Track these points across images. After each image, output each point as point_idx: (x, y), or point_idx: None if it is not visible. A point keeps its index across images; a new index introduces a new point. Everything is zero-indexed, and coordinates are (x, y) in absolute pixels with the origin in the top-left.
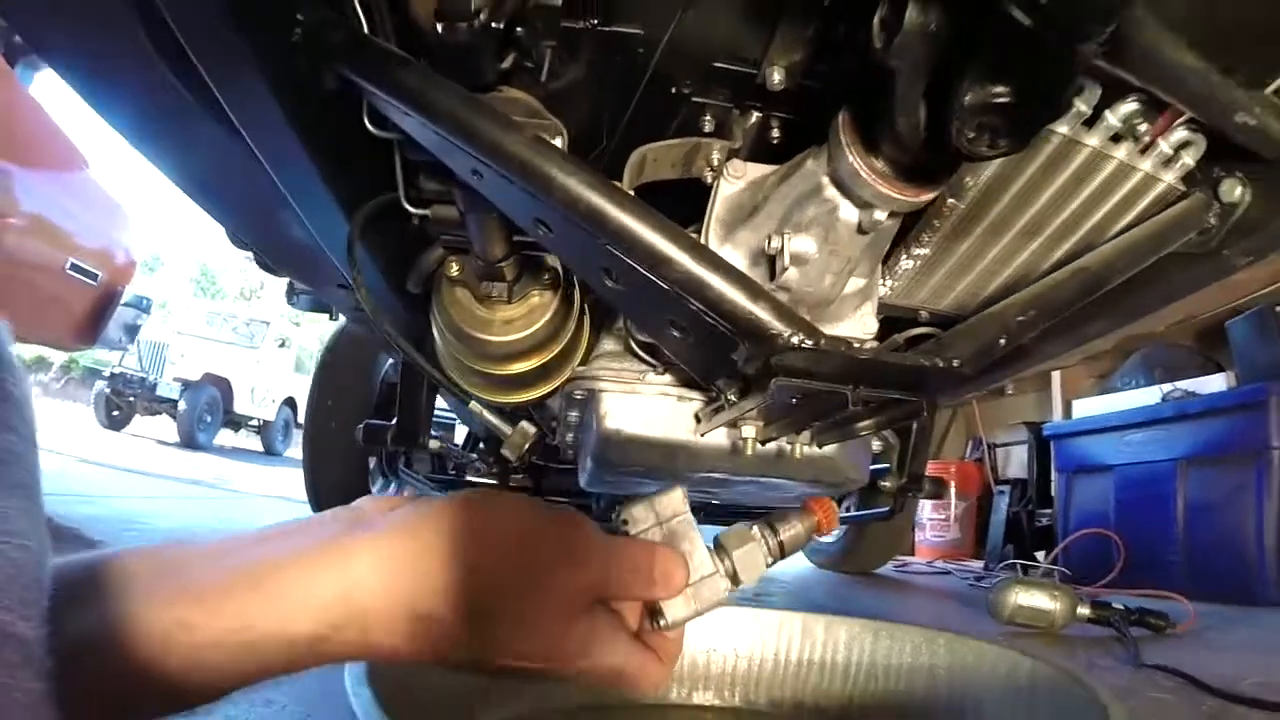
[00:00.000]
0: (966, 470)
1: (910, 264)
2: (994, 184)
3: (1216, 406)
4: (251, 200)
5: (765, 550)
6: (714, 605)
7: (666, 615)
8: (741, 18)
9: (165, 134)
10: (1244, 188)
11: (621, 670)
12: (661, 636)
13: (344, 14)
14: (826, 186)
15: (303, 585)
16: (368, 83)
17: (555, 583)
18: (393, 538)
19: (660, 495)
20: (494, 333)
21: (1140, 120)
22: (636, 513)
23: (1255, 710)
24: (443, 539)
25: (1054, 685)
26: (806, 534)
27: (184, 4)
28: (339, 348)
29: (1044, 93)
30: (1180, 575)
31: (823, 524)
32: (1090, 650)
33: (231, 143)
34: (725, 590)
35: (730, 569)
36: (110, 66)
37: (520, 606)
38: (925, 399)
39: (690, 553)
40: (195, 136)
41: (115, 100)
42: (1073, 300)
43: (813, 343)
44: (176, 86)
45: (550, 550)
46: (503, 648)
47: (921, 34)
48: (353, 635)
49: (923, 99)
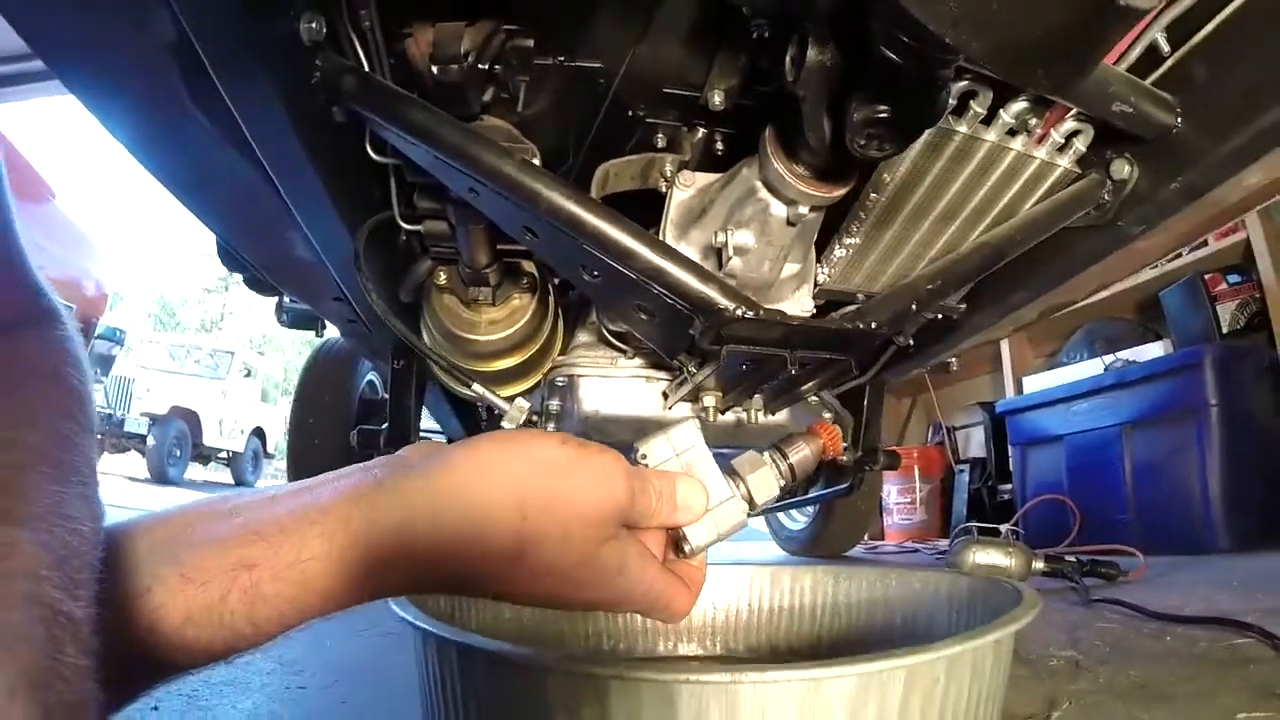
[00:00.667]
0: (929, 454)
1: (843, 252)
2: (909, 178)
3: (1155, 372)
4: (261, 224)
5: (777, 473)
6: (734, 528)
7: (690, 540)
8: (686, 51)
9: (189, 167)
10: (1131, 166)
11: (653, 596)
12: (686, 565)
13: (345, 55)
14: (759, 189)
15: (358, 518)
16: (378, 118)
17: (590, 504)
18: (440, 473)
19: (675, 429)
20: (481, 333)
21: (1030, 115)
22: (654, 446)
23: (1192, 626)
24: (487, 469)
25: (987, 591)
26: (814, 456)
27: (226, 57)
28: (317, 367)
29: (914, 107)
30: (1133, 532)
31: (828, 446)
32: (1046, 597)
33: (246, 173)
34: (743, 513)
35: (746, 493)
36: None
37: (562, 526)
38: (852, 358)
39: (707, 480)
40: (214, 169)
41: (146, 139)
42: (975, 271)
43: (754, 313)
44: (202, 122)
45: (584, 474)
46: (545, 573)
47: (820, 68)
48: (400, 568)
49: (826, 116)
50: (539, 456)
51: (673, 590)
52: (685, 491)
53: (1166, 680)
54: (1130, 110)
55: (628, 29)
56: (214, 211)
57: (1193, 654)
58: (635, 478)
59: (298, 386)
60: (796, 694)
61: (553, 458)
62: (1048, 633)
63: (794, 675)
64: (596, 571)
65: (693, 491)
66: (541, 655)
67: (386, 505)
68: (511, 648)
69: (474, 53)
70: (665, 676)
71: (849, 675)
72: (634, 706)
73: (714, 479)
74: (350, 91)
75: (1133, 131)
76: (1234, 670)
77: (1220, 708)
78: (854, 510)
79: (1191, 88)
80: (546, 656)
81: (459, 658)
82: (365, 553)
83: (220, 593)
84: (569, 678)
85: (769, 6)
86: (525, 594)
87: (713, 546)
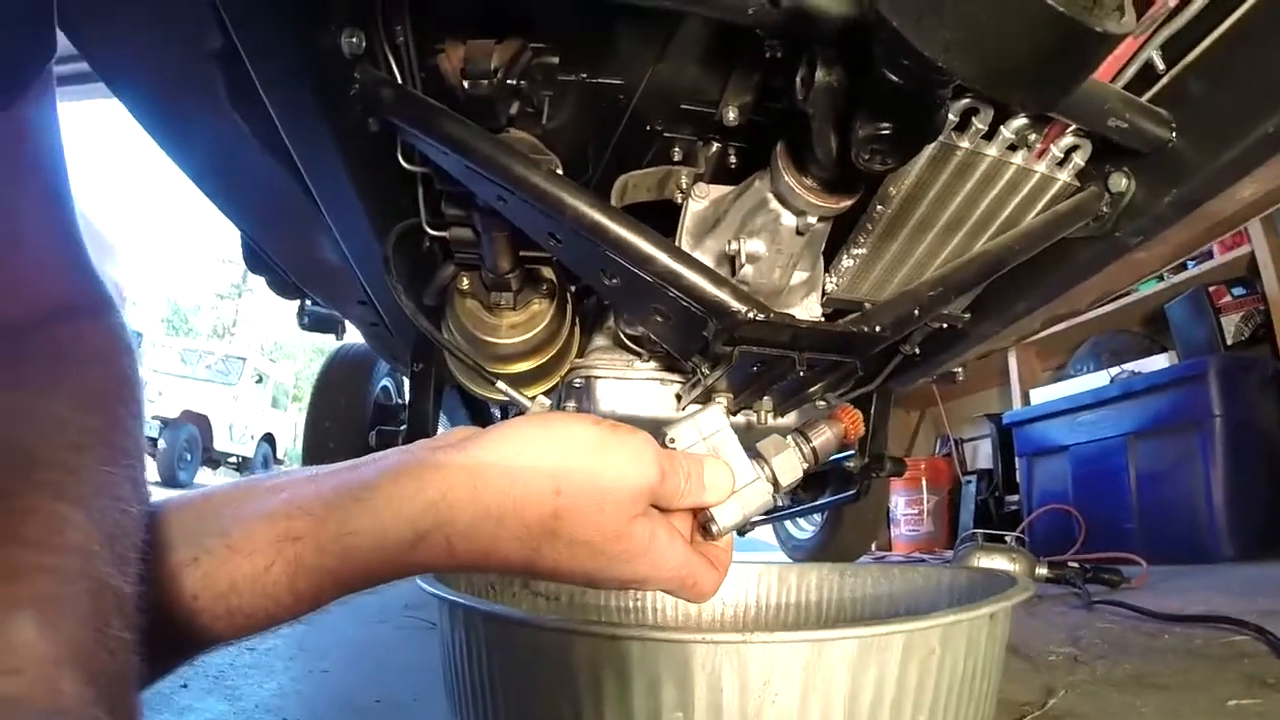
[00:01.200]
0: (936, 465)
1: (851, 262)
2: (913, 191)
3: (1160, 383)
4: (292, 227)
5: (800, 456)
6: (760, 509)
7: (718, 520)
8: (702, 69)
9: (226, 170)
10: (1129, 179)
11: (683, 574)
12: (714, 547)
13: (380, 69)
14: (771, 200)
15: (399, 494)
16: (414, 129)
17: (622, 480)
18: (479, 451)
19: (701, 414)
20: (502, 335)
21: (1030, 131)
22: (681, 431)
23: (1190, 625)
24: (524, 447)
25: (985, 582)
26: (836, 440)
27: (272, 68)
28: (332, 372)
29: (914, 125)
30: (1138, 541)
31: (849, 430)
32: (1048, 602)
33: (281, 177)
34: (768, 494)
35: (770, 474)
36: (185, 114)
37: (596, 500)
38: (856, 360)
39: (733, 462)
40: (250, 172)
41: (187, 144)
42: (976, 279)
43: (764, 316)
44: (241, 127)
45: (617, 452)
46: (578, 546)
47: (827, 88)
48: (440, 542)
49: (833, 132)
50: (574, 435)
51: (701, 569)
52: (712, 473)
53: (1161, 672)
54: (1126, 126)
55: (648, 48)
56: (247, 213)
57: (1189, 650)
58: (665, 458)
59: (313, 390)
60: (802, 655)
61: (587, 437)
62: (1048, 632)
63: (800, 637)
64: (627, 546)
65: (720, 473)
66: (567, 621)
67: (428, 479)
68: (537, 615)
69: (503, 69)
70: (682, 636)
71: (850, 638)
72: (652, 666)
73: (739, 461)
74: (387, 103)
75: (1129, 146)
76: (1228, 664)
77: (1212, 697)
78: (861, 519)
79: (1187, 103)
80: (571, 622)
81: (487, 627)
82: (407, 526)
83: (265, 563)
84: (592, 640)
85: (781, 29)
86: (558, 568)
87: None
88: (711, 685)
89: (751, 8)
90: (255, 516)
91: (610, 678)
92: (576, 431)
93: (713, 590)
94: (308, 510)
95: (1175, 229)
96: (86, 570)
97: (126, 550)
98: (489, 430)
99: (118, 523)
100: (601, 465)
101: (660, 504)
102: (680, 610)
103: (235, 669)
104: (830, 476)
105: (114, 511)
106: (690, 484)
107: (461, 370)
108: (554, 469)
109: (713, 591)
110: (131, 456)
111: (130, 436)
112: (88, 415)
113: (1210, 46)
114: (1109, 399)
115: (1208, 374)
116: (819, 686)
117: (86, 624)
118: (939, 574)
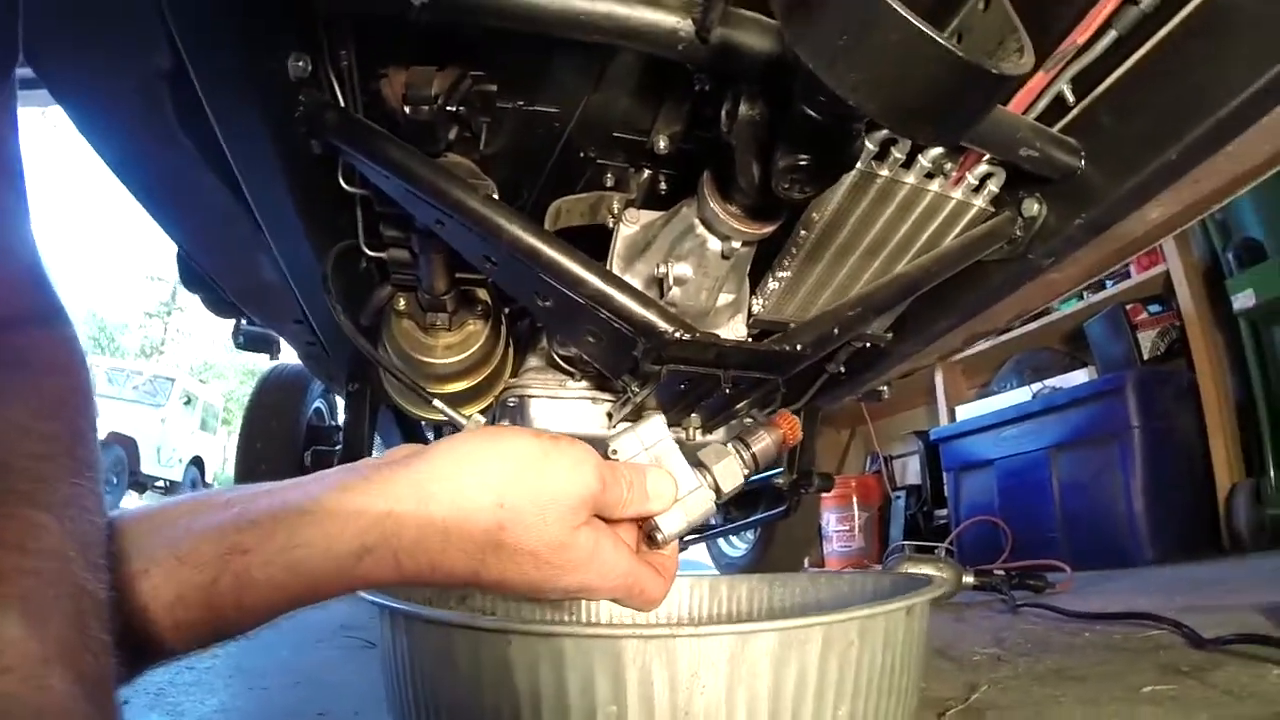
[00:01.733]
0: (867, 483)
1: (776, 285)
2: (835, 216)
3: (1080, 397)
4: (233, 246)
5: (741, 463)
6: (704, 516)
7: (663, 529)
8: (634, 100)
9: (170, 189)
10: (1040, 204)
11: (629, 582)
12: (659, 555)
13: (324, 92)
14: (697, 226)
15: (346, 509)
16: (356, 152)
17: (564, 489)
18: (425, 465)
19: (642, 425)
20: (437, 356)
21: (946, 160)
22: (624, 442)
23: (1110, 622)
24: (469, 462)
25: (907, 583)
26: (775, 446)
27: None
28: (265, 394)
29: (830, 155)
30: (1063, 549)
31: (788, 436)
32: (974, 608)
33: (224, 197)
34: (711, 500)
35: (713, 482)
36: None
37: (539, 509)
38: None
39: (676, 471)
40: (194, 191)
41: (132, 161)
42: (894, 299)
43: (690, 336)
44: (186, 147)
45: (559, 462)
46: (523, 555)
47: (750, 121)
48: (387, 556)
49: (755, 162)
50: (516, 448)
51: (647, 577)
52: (655, 482)
53: (1081, 666)
54: (1037, 154)
55: (583, 79)
56: (188, 230)
57: (1108, 645)
58: (606, 468)
59: (246, 411)
60: (727, 647)
61: (529, 449)
62: (973, 635)
63: (724, 630)
64: (572, 556)
65: (662, 482)
66: (504, 621)
67: (374, 494)
68: (476, 617)
69: (443, 95)
70: (614, 632)
71: (771, 631)
72: (586, 662)
73: (682, 470)
74: (330, 126)
75: (1041, 173)
76: (1145, 655)
77: (1129, 685)
78: (793, 535)
79: (1096, 133)
80: (508, 622)
81: (427, 633)
82: (354, 539)
83: (213, 575)
84: (528, 640)
85: (708, 64)
86: (504, 579)
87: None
88: (643, 679)
89: (681, 43)
90: (205, 529)
91: (547, 676)
92: (519, 445)
93: (660, 597)
94: (256, 524)
95: (1086, 250)
96: (65, 574)
97: (97, 558)
98: (433, 446)
99: (89, 533)
100: (544, 476)
101: (604, 514)
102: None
103: (175, 686)
104: (761, 494)
105: (84, 522)
106: (633, 493)
107: (398, 390)
108: (497, 482)
109: (660, 598)
110: (93, 469)
111: (91, 449)
112: (48, 424)
113: (1117, 81)
114: (1032, 414)
115: (1126, 388)
116: (744, 678)
117: (70, 625)
118: (864, 579)
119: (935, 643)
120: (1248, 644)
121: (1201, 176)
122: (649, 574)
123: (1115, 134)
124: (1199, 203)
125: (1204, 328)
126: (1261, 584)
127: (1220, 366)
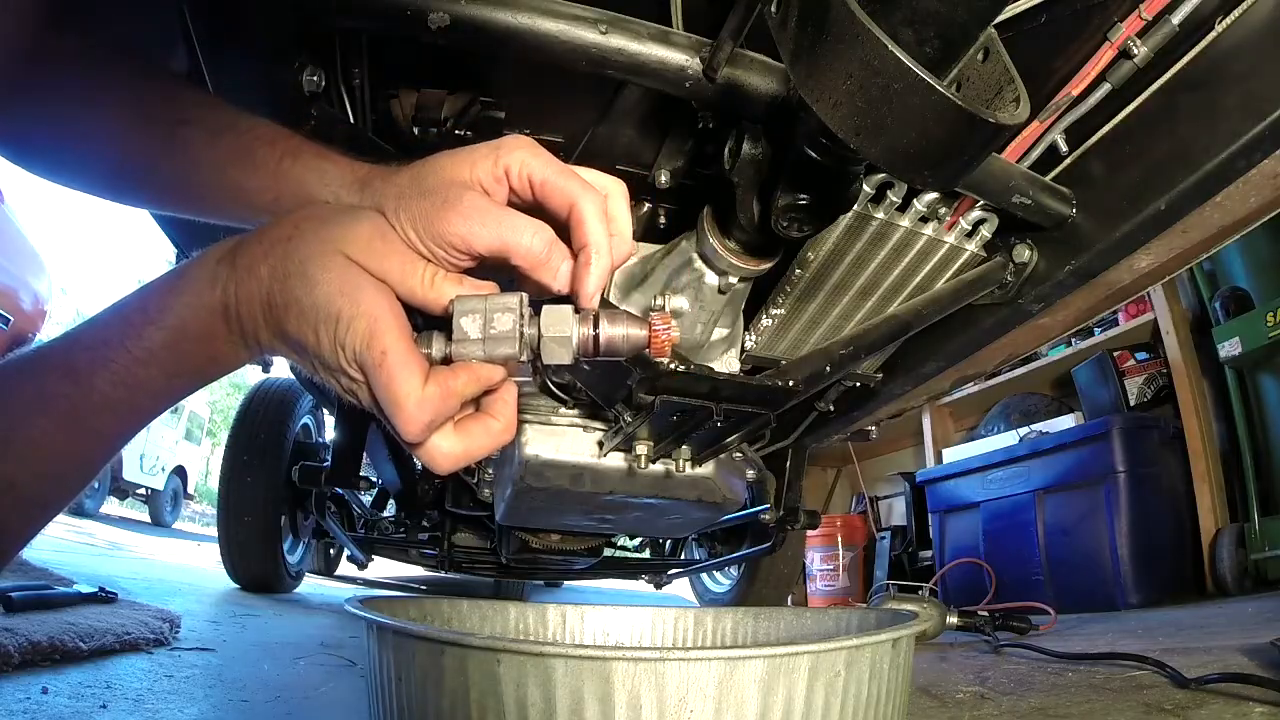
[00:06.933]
0: (852, 522)
1: (770, 322)
2: (830, 257)
3: (1067, 441)
4: None
5: (576, 332)
6: (504, 355)
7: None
8: (639, 133)
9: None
10: (1031, 251)
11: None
12: (476, 416)
13: (334, 107)
14: (695, 260)
15: (189, 294)
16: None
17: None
18: (250, 247)
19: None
20: None
21: (941, 205)
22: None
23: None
24: (280, 241)
25: (890, 618)
26: (626, 343)
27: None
28: (254, 407)
29: (830, 196)
30: (1047, 592)
31: (653, 339)
32: (958, 649)
33: None
34: (518, 345)
35: (535, 333)
36: None
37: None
38: (770, 412)
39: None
40: None
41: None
42: (885, 339)
43: (685, 368)
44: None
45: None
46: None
47: (752, 160)
48: (259, 303)
49: (755, 200)
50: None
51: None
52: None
53: (1064, 705)
54: (1030, 202)
55: (590, 110)
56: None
57: (1091, 684)
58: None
59: (234, 425)
60: (716, 673)
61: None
62: (957, 674)
63: (714, 654)
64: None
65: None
66: (494, 640)
67: (237, 263)
68: (466, 635)
69: (452, 118)
70: (604, 654)
71: (759, 658)
72: (576, 684)
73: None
74: (340, 141)
75: (1033, 221)
76: (1128, 695)
77: None
78: (777, 572)
79: (1087, 182)
80: (499, 640)
81: (416, 649)
82: (224, 294)
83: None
84: (518, 659)
85: (714, 103)
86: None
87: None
88: (631, 703)
89: (689, 81)
90: (79, 340)
91: (535, 696)
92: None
93: (414, 429)
94: (142, 308)
95: (1076, 296)
96: None
97: None
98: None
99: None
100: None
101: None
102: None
103: (155, 694)
104: (747, 530)
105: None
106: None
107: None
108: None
109: (414, 430)
110: None
111: None
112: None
113: (1109, 132)
114: (1018, 457)
115: (1112, 433)
116: (732, 705)
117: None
118: (849, 614)
119: (919, 680)
120: (1231, 683)
121: (1190, 226)
122: (409, 380)
123: (1106, 183)
124: (1187, 252)
125: (1190, 375)
126: (1245, 627)
127: (1206, 413)
